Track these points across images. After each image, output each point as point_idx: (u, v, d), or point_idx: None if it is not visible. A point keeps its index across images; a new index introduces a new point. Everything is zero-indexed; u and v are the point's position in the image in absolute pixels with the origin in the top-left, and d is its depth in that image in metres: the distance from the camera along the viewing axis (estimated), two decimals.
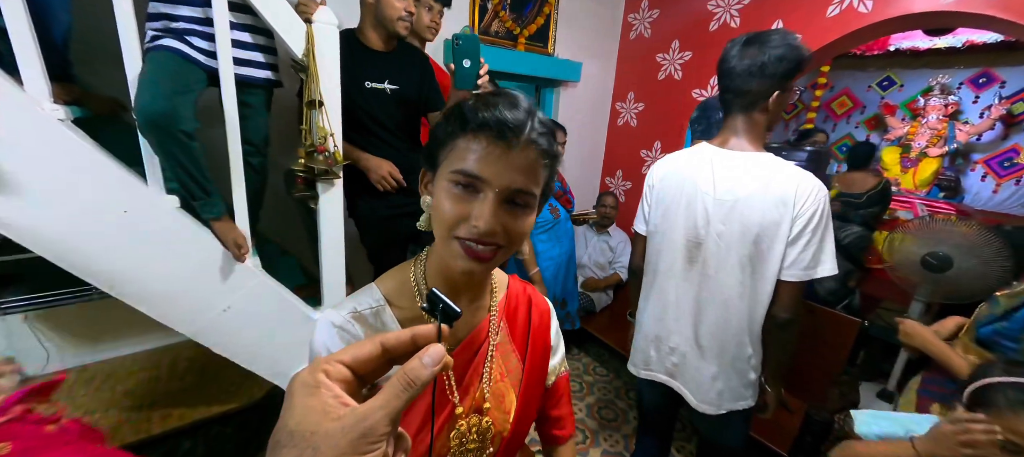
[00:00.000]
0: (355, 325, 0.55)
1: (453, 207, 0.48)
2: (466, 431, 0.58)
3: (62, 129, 0.95)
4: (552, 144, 0.51)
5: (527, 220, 0.51)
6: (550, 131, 0.51)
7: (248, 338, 1.32)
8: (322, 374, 0.29)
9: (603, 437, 2.11)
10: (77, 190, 0.99)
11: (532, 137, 0.48)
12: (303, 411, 0.27)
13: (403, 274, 0.61)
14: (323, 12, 1.20)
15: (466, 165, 0.47)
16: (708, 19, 2.54)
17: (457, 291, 0.58)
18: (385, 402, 0.27)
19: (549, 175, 0.53)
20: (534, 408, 0.69)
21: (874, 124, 4.28)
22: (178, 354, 1.81)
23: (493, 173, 0.47)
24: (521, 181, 0.48)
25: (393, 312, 0.58)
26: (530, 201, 0.50)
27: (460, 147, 0.49)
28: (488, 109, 0.48)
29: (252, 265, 1.28)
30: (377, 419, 0.27)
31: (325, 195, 1.34)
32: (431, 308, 0.37)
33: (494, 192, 0.47)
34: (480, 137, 0.47)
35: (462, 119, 0.49)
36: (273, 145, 1.43)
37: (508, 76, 2.59)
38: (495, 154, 0.47)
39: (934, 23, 1.99)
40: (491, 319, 0.63)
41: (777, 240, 1.02)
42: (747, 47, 1.02)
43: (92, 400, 1.52)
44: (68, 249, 1.01)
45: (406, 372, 0.29)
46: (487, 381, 0.60)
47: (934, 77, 3.83)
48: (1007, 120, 3.54)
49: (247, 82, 1.25)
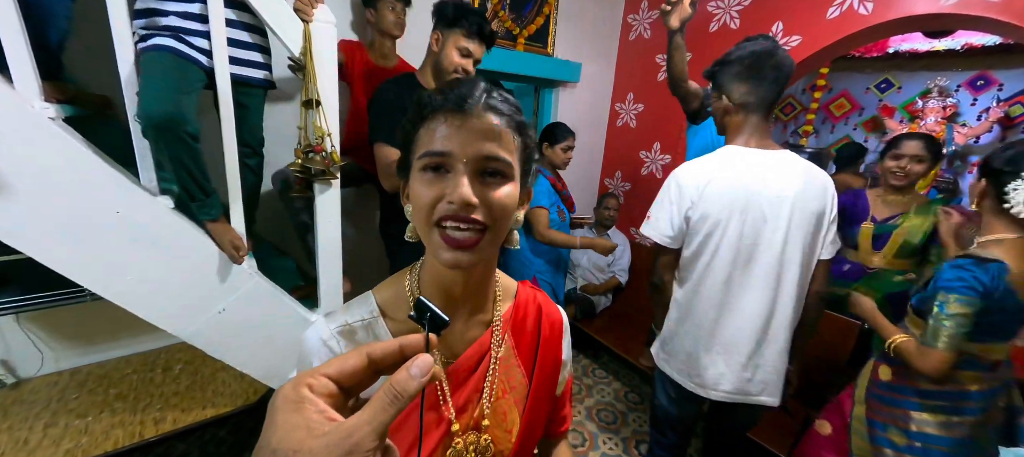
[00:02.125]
0: (340, 341, 0.53)
1: (427, 190, 0.46)
2: (463, 449, 0.55)
3: (52, 128, 0.93)
4: (515, 111, 0.50)
5: (506, 190, 0.48)
6: (511, 102, 0.50)
7: (244, 341, 1.31)
8: (305, 389, 0.28)
9: (602, 440, 2.09)
10: (67, 190, 0.97)
11: (490, 103, 0.47)
12: (286, 428, 0.26)
13: (398, 283, 0.58)
14: (321, 11, 1.19)
15: (430, 146, 0.46)
16: (708, 21, 2.53)
17: (454, 300, 0.55)
18: (371, 416, 0.26)
19: (523, 146, 0.51)
20: (541, 426, 0.64)
21: (872, 126, 4.28)
22: (173, 356, 1.79)
23: (457, 144, 0.45)
24: (488, 148, 0.46)
25: (387, 324, 0.55)
26: (505, 169, 0.48)
27: (422, 136, 0.48)
28: (440, 91, 0.48)
29: (248, 267, 1.27)
30: (363, 435, 0.26)
31: (322, 196, 1.32)
32: (419, 317, 0.35)
33: (462, 163, 0.45)
34: (437, 116, 0.47)
35: (418, 109, 0.49)
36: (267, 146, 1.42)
37: (507, 76, 2.58)
38: (454, 126, 0.46)
39: (934, 25, 1.99)
40: (494, 331, 0.59)
41: (824, 226, 1.16)
42: (780, 53, 1.10)
43: (85, 403, 1.50)
44: (58, 250, 0.99)
45: (393, 384, 0.28)
46: (487, 398, 0.57)
47: (932, 79, 3.83)
48: (1005, 123, 3.55)
49: (245, 82, 1.23)
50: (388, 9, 1.73)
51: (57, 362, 1.63)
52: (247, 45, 1.22)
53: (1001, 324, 1.08)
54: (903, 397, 1.20)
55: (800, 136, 4.34)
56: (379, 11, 1.73)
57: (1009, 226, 1.06)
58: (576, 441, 2.08)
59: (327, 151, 1.24)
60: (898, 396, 1.22)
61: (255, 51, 1.24)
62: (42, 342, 1.58)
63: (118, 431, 1.39)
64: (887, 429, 1.23)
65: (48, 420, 1.41)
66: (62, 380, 1.60)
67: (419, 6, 1.83)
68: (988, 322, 1.05)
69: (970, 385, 1.12)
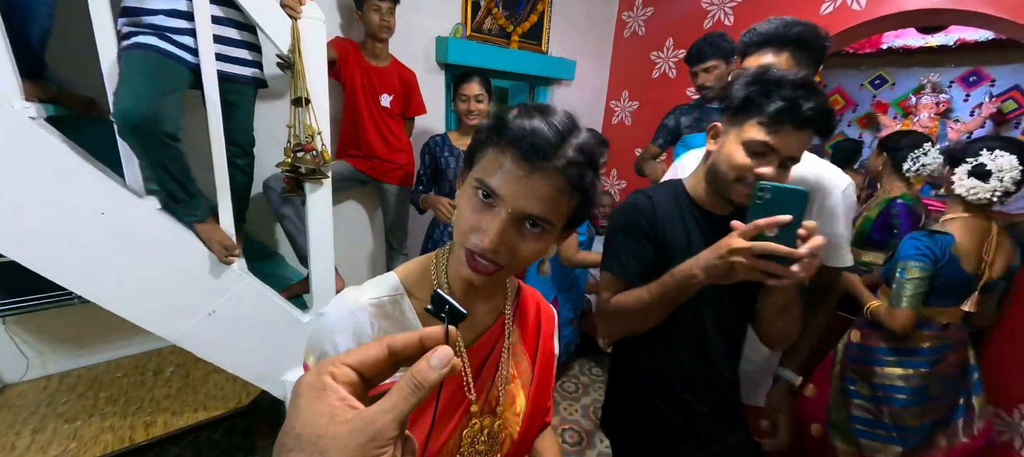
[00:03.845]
0: (367, 314, 0.53)
1: (469, 216, 0.48)
2: (478, 431, 0.58)
3: (34, 127, 0.91)
4: (585, 175, 0.47)
5: (536, 245, 0.49)
6: (589, 159, 0.47)
7: (235, 343, 1.29)
8: (328, 377, 0.28)
9: (599, 438, 2.09)
10: (50, 190, 0.95)
11: (560, 165, 0.45)
12: (309, 414, 0.27)
13: (424, 265, 0.59)
14: (309, 7, 1.17)
15: (487, 177, 0.47)
16: (702, 17, 2.53)
17: (475, 290, 0.56)
18: (393, 405, 0.27)
19: (580, 205, 0.50)
20: (541, 411, 0.68)
21: (866, 122, 4.30)
22: (164, 359, 1.77)
23: (510, 193, 0.46)
24: (536, 208, 0.46)
25: (412, 302, 0.57)
26: (546, 227, 0.48)
27: (489, 156, 0.48)
28: (522, 122, 0.46)
29: (238, 268, 1.25)
30: (385, 422, 0.26)
31: (313, 195, 1.31)
32: (436, 309, 0.35)
33: (507, 211, 0.46)
34: (507, 152, 0.46)
35: (499, 128, 0.48)
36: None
37: (501, 74, 2.57)
38: (517, 175, 0.45)
39: (927, 21, 2.00)
40: (507, 318, 0.62)
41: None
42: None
43: (74, 407, 1.48)
44: (42, 252, 0.97)
45: (414, 374, 0.28)
46: (502, 381, 0.60)
47: (925, 75, 3.85)
48: (997, 118, 3.57)
49: (233, 80, 1.21)
50: (372, 11, 1.69)
51: (44, 366, 1.60)
52: (235, 42, 1.20)
53: (946, 288, 1.30)
54: (869, 355, 1.43)
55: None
56: (364, 13, 1.71)
57: (961, 207, 1.32)
58: (573, 439, 2.08)
59: (317, 150, 1.22)
60: (865, 355, 1.45)
61: (243, 48, 1.22)
62: (28, 346, 1.56)
63: (107, 436, 1.37)
64: (855, 382, 1.47)
65: (36, 425, 1.39)
66: (50, 384, 1.57)
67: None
68: (936, 286, 1.29)
69: (922, 343, 1.35)
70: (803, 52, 0.95)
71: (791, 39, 0.95)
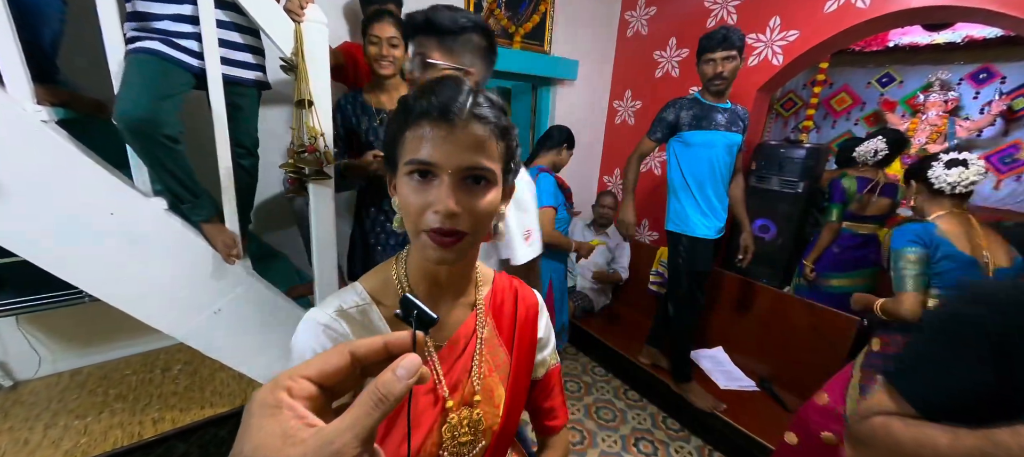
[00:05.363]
0: (342, 323, 0.54)
1: (415, 200, 0.49)
2: (457, 424, 0.58)
3: (45, 130, 0.94)
4: (499, 116, 0.51)
5: (489, 197, 0.51)
6: (495, 105, 0.51)
7: (240, 341, 1.31)
8: (283, 393, 0.26)
9: (601, 438, 2.09)
10: (61, 192, 0.98)
11: (474, 113, 0.48)
12: (261, 435, 0.24)
13: (385, 272, 0.60)
14: (312, 10, 1.19)
15: (416, 154, 0.48)
16: (705, 16, 2.52)
17: (440, 285, 0.58)
18: (354, 421, 0.25)
19: (506, 148, 0.53)
20: (522, 401, 0.69)
21: (874, 121, 4.25)
22: (172, 357, 1.80)
23: (442, 156, 0.47)
24: (471, 158, 0.48)
25: (379, 310, 0.57)
26: (488, 176, 0.50)
27: (409, 139, 0.50)
28: (426, 96, 0.48)
29: (243, 267, 1.27)
30: (345, 442, 0.24)
31: (317, 196, 1.33)
32: (405, 314, 0.35)
33: (447, 174, 0.48)
34: (423, 124, 0.48)
35: (405, 112, 0.50)
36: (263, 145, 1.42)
37: (504, 75, 2.58)
38: (440, 137, 0.47)
39: (932, 18, 1.97)
40: (478, 314, 0.62)
41: None
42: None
43: (84, 404, 1.51)
44: (53, 252, 1.00)
45: (378, 386, 0.26)
46: (476, 377, 0.60)
47: (934, 73, 3.80)
48: (1008, 116, 3.51)
49: (237, 83, 1.23)
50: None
51: (55, 364, 1.64)
52: (239, 46, 1.22)
53: (951, 270, 1.30)
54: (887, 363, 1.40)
55: (800, 132, 4.31)
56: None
57: (940, 204, 1.36)
58: (575, 439, 2.08)
59: (320, 151, 1.24)
60: (885, 362, 1.41)
61: (247, 52, 1.25)
62: (40, 344, 1.60)
63: (117, 431, 1.40)
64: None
65: (48, 421, 1.42)
66: (61, 381, 1.61)
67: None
68: (939, 272, 1.30)
69: None
70: None
71: None
